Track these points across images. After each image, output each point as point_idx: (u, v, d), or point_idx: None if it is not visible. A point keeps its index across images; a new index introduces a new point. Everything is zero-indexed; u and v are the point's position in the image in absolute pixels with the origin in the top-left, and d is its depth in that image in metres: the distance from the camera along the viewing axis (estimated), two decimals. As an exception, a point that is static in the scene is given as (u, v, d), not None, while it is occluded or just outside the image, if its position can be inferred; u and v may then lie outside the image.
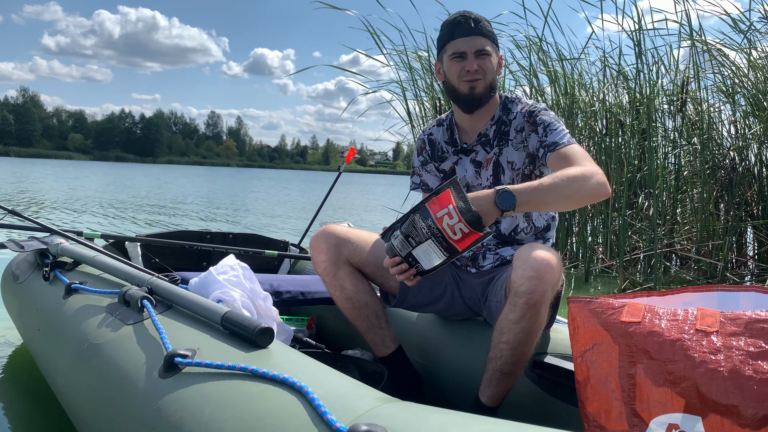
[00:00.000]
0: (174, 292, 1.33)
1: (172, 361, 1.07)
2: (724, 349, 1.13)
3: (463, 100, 1.80)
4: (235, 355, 1.06)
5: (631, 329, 1.23)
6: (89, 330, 1.42)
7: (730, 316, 1.17)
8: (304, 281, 2.19)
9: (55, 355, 1.53)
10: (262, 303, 1.64)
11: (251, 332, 1.08)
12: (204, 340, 1.15)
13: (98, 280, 1.70)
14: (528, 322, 1.44)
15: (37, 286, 1.92)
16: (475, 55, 1.75)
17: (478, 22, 1.77)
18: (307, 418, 0.82)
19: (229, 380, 0.98)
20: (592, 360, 1.29)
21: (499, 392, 1.55)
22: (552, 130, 1.73)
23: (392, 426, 0.76)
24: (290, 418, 0.84)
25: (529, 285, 1.40)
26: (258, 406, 0.90)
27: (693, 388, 1.12)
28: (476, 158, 1.85)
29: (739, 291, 1.27)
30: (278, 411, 0.87)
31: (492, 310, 1.77)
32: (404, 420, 0.78)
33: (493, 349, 1.53)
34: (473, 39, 1.75)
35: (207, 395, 0.97)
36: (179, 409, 0.97)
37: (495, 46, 1.80)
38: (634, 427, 1.19)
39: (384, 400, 0.87)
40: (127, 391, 1.14)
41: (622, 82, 5.37)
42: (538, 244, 1.47)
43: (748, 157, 4.84)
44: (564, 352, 1.67)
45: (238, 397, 0.94)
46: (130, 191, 16.48)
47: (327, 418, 0.80)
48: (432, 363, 1.93)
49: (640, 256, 4.96)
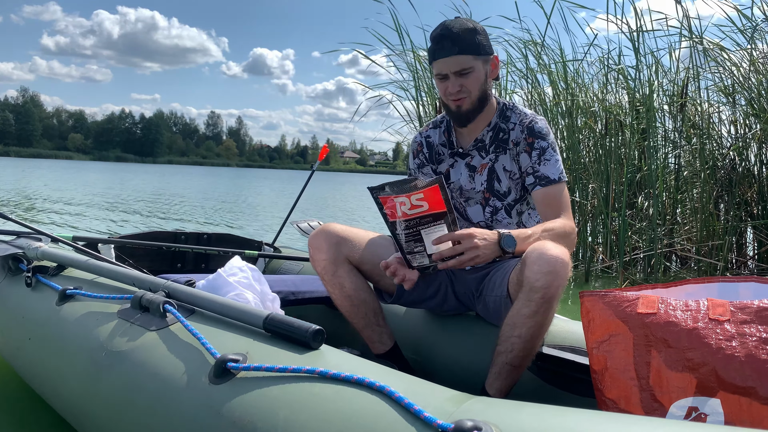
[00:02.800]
0: (200, 296, 1.30)
1: (224, 366, 1.05)
2: (738, 336, 1.23)
3: (453, 117, 1.84)
4: (288, 358, 1.06)
5: (648, 320, 1.32)
6: (103, 337, 1.36)
7: (738, 305, 1.28)
8: (292, 281, 2.18)
9: (59, 365, 1.46)
10: (270, 305, 1.62)
11: (304, 334, 1.08)
12: (246, 344, 1.14)
13: (94, 286, 1.63)
14: (542, 316, 1.50)
15: (16, 293, 1.81)
16: (456, 75, 1.74)
17: (457, 39, 1.72)
18: (400, 418, 0.84)
19: (297, 383, 0.98)
20: (608, 350, 1.36)
21: (507, 385, 1.60)
22: (546, 160, 1.77)
23: (492, 421, 0.79)
24: (380, 419, 0.85)
25: (545, 280, 1.45)
26: (338, 407, 0.90)
27: (711, 372, 1.22)
28: (471, 162, 1.89)
29: (738, 281, 1.38)
30: (364, 412, 0.87)
31: (488, 305, 1.82)
32: (500, 415, 0.81)
33: (503, 342, 1.58)
34: (452, 59, 1.72)
35: (276, 399, 0.96)
36: (246, 414, 0.96)
37: (482, 56, 1.76)
38: (654, 411, 1.27)
39: (464, 397, 0.89)
40: (168, 397, 1.11)
41: (622, 82, 5.37)
42: (549, 242, 1.53)
43: (747, 157, 4.88)
44: (561, 343, 1.75)
45: (313, 399, 0.93)
46: (113, 191, 15.73)
47: (424, 416, 0.81)
48: (425, 359, 1.97)
49: (640, 256, 4.96)
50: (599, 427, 0.76)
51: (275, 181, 36.70)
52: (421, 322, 2.04)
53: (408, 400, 0.85)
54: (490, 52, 1.79)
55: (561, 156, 5.41)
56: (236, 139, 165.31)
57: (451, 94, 1.76)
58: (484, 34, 1.78)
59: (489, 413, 0.82)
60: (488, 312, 1.84)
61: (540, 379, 1.74)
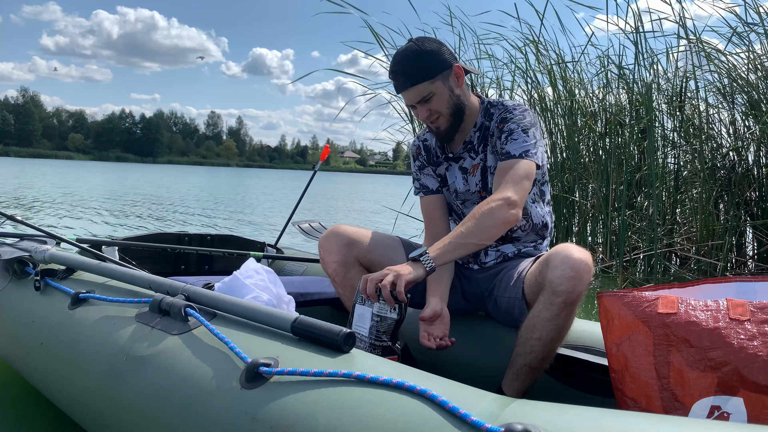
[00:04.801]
0: (223, 300, 1.29)
1: (256, 371, 1.05)
2: (759, 335, 1.24)
3: (437, 137, 1.88)
4: (321, 362, 1.05)
5: (669, 320, 1.33)
6: (122, 342, 1.34)
7: (758, 305, 1.29)
8: (300, 282, 2.17)
9: (74, 370, 1.44)
10: (285, 307, 1.61)
11: (335, 337, 1.08)
12: (275, 348, 1.13)
13: (107, 289, 1.61)
14: (563, 320, 1.51)
15: (24, 297, 1.78)
16: (420, 103, 1.75)
17: (407, 72, 1.71)
18: (446, 422, 0.84)
19: (333, 387, 0.97)
20: (628, 350, 1.37)
21: (524, 386, 1.61)
22: (513, 139, 1.74)
23: (541, 424, 0.79)
24: (425, 423, 0.85)
25: (568, 285, 1.46)
26: (379, 412, 0.90)
27: (734, 372, 1.23)
28: (463, 165, 1.91)
29: (756, 281, 1.40)
30: (408, 417, 0.87)
31: (500, 306, 1.83)
32: (546, 418, 0.81)
33: (522, 344, 1.58)
34: (410, 91, 1.73)
35: (314, 403, 0.96)
36: (283, 419, 0.96)
37: (438, 77, 1.72)
38: (675, 410, 1.28)
39: (508, 400, 0.89)
40: (199, 402, 1.09)
41: (622, 82, 5.37)
42: (572, 245, 1.54)
43: (747, 158, 4.89)
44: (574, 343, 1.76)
45: (351, 403, 0.93)
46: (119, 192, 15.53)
47: (471, 420, 0.81)
48: (434, 359, 1.97)
49: (640, 256, 4.96)
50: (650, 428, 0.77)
51: (277, 180, 36.46)
52: (430, 323, 2.04)
53: (452, 404, 0.85)
54: (446, 66, 1.74)
55: (559, 154, 5.47)
56: (236, 139, 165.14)
57: (424, 120, 1.79)
58: (437, 51, 1.74)
59: (536, 416, 0.82)
60: (499, 313, 1.85)
61: (552, 378, 1.75)
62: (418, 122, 6.01)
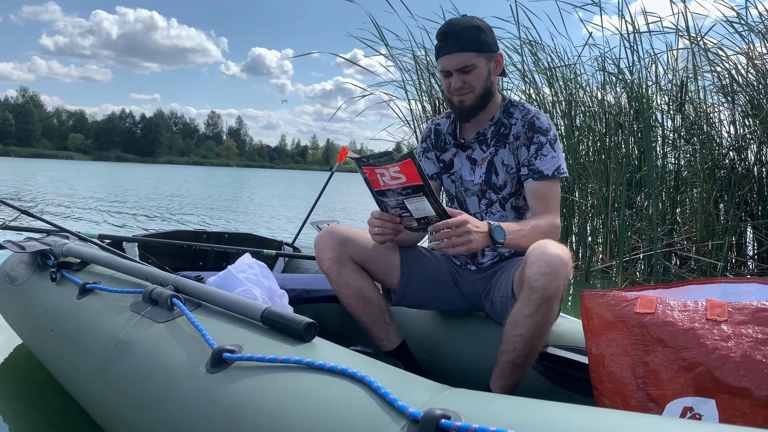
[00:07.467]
0: (205, 291, 1.36)
1: (220, 356, 1.10)
2: (734, 336, 1.22)
3: (456, 112, 1.88)
4: (281, 349, 1.10)
5: (646, 320, 1.32)
6: (116, 329, 1.43)
7: (737, 306, 1.27)
8: (306, 280, 2.23)
9: (76, 355, 1.53)
10: (278, 300, 1.67)
11: (296, 327, 1.12)
12: (244, 336, 1.18)
13: (112, 280, 1.71)
14: (542, 316, 1.51)
15: (42, 287, 1.91)
16: (459, 72, 1.78)
17: (460, 37, 1.76)
18: (376, 406, 0.87)
19: (285, 372, 1.02)
20: (606, 349, 1.37)
21: (510, 383, 1.62)
22: (543, 155, 1.79)
23: (462, 411, 0.81)
24: (358, 407, 0.88)
25: (543, 280, 1.47)
26: (321, 396, 0.94)
27: (707, 373, 1.21)
28: (472, 155, 1.93)
29: (741, 282, 1.37)
30: (344, 401, 0.91)
31: (495, 305, 1.84)
32: (471, 405, 0.83)
33: (505, 342, 1.59)
34: (455, 56, 1.76)
35: (264, 387, 1.00)
36: (235, 401, 1.01)
37: (485, 54, 1.79)
38: (650, 410, 1.27)
39: (442, 388, 0.92)
40: (170, 386, 1.16)
41: (622, 83, 5.36)
42: (550, 241, 1.54)
43: (747, 157, 4.87)
44: (567, 343, 1.75)
45: (298, 388, 0.97)
46: (129, 192, 16.13)
47: (397, 405, 0.85)
48: (434, 357, 1.99)
49: (639, 256, 4.95)
50: (569, 419, 0.78)
51: (280, 181, 36.63)
52: (432, 323, 2.06)
53: (385, 390, 0.88)
54: (494, 49, 1.82)
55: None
56: (236, 139, 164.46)
57: (454, 90, 1.81)
58: (489, 31, 1.82)
59: (462, 403, 0.84)
60: (495, 312, 1.86)
61: (546, 379, 1.75)
62: (418, 122, 6.07)
